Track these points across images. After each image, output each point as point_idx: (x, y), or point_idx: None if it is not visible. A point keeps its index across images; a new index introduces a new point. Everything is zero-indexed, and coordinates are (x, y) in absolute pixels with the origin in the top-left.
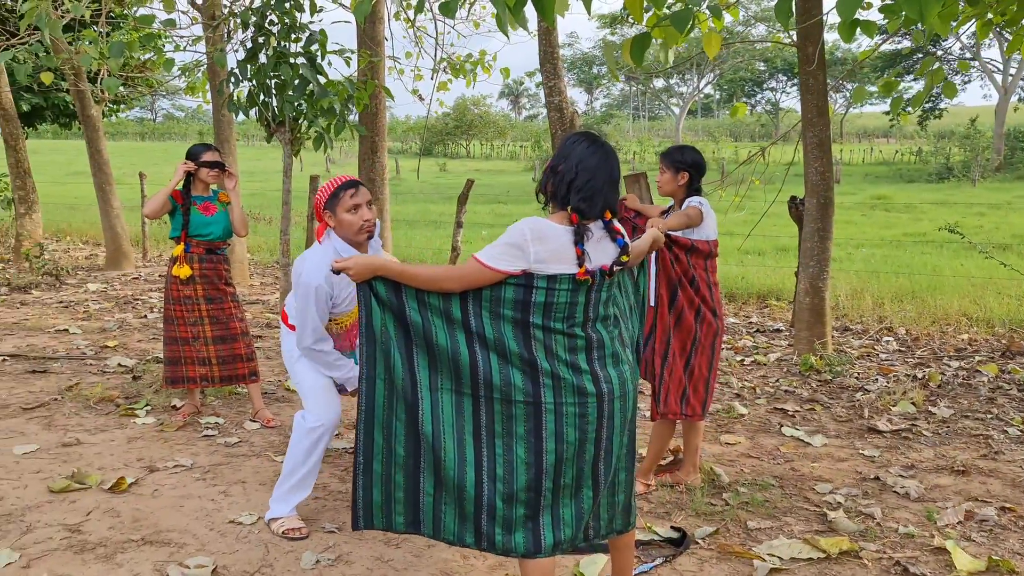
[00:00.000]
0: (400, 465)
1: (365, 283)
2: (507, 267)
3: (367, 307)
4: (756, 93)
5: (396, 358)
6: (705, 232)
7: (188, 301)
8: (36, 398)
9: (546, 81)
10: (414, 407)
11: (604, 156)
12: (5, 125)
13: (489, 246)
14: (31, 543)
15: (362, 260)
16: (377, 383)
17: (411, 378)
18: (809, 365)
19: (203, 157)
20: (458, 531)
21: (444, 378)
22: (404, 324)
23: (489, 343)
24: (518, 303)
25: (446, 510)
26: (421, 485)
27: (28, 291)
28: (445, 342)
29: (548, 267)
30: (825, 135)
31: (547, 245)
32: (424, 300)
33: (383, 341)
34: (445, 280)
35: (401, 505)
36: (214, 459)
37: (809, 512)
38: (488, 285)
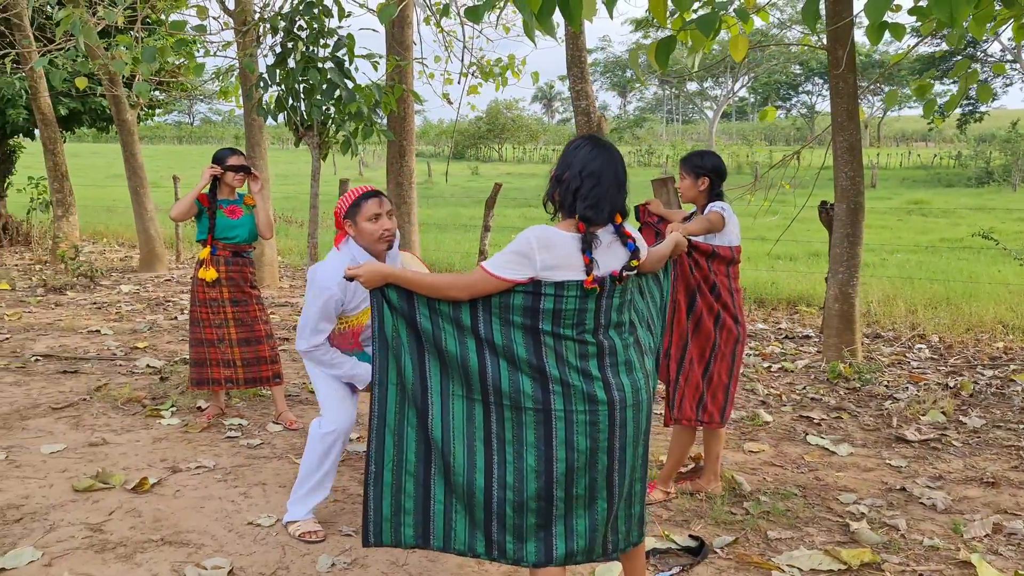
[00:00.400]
0: (411, 473)
1: (377, 290)
2: (513, 275)
3: (379, 313)
4: (791, 96)
5: (407, 364)
6: (727, 238)
7: (214, 303)
8: (66, 398)
9: (573, 85)
10: (424, 413)
11: (608, 159)
12: (44, 129)
13: (496, 255)
14: (54, 541)
15: (373, 267)
16: (389, 388)
17: (422, 384)
18: (837, 372)
19: (228, 161)
20: (469, 540)
21: (455, 384)
22: (415, 330)
23: (498, 349)
24: (527, 310)
25: (457, 518)
26: (432, 492)
27: (63, 292)
28: (455, 348)
29: (555, 274)
30: (855, 139)
31: (554, 252)
32: (435, 307)
33: (394, 347)
34: (452, 289)
35: (411, 516)
36: (236, 460)
37: (831, 522)
38: (496, 293)
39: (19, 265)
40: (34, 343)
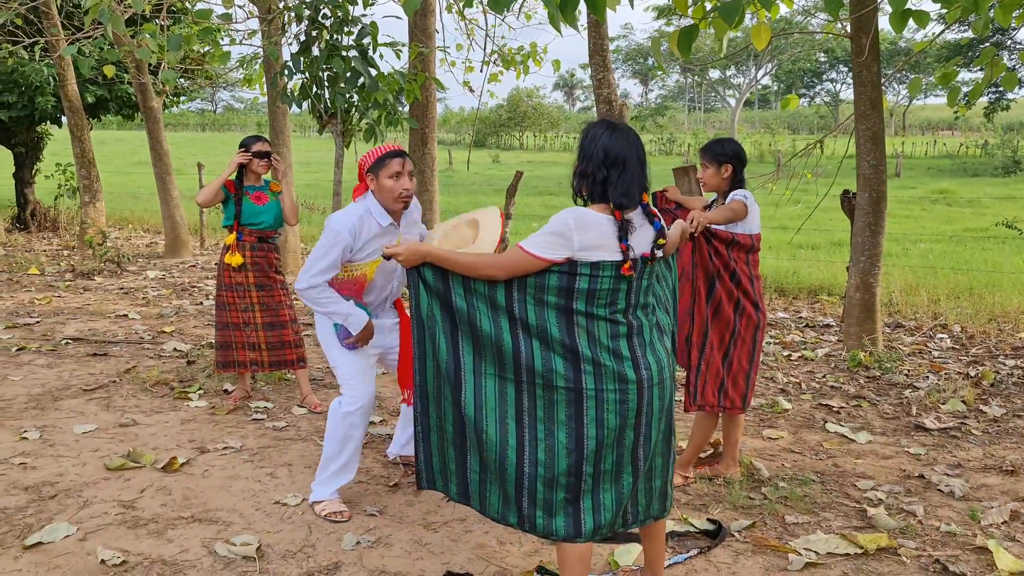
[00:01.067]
0: (450, 442)
1: (414, 269)
2: (551, 255)
3: (415, 292)
4: (815, 84)
5: (441, 342)
6: (748, 226)
7: (239, 288)
8: (96, 380)
9: (595, 74)
10: (457, 390)
11: (628, 142)
12: (71, 116)
13: (533, 235)
14: (88, 517)
15: (411, 247)
16: (427, 363)
17: (455, 362)
18: (857, 361)
19: (253, 148)
20: (502, 510)
21: (488, 363)
22: (450, 310)
23: (532, 329)
24: (562, 290)
25: (491, 489)
26: (468, 463)
27: (91, 277)
28: (489, 328)
29: (591, 254)
30: (879, 128)
31: (590, 233)
32: (470, 286)
33: (429, 326)
34: (489, 268)
35: (454, 475)
36: (262, 442)
37: (849, 508)
38: (532, 273)
39: (47, 251)
40: (64, 327)
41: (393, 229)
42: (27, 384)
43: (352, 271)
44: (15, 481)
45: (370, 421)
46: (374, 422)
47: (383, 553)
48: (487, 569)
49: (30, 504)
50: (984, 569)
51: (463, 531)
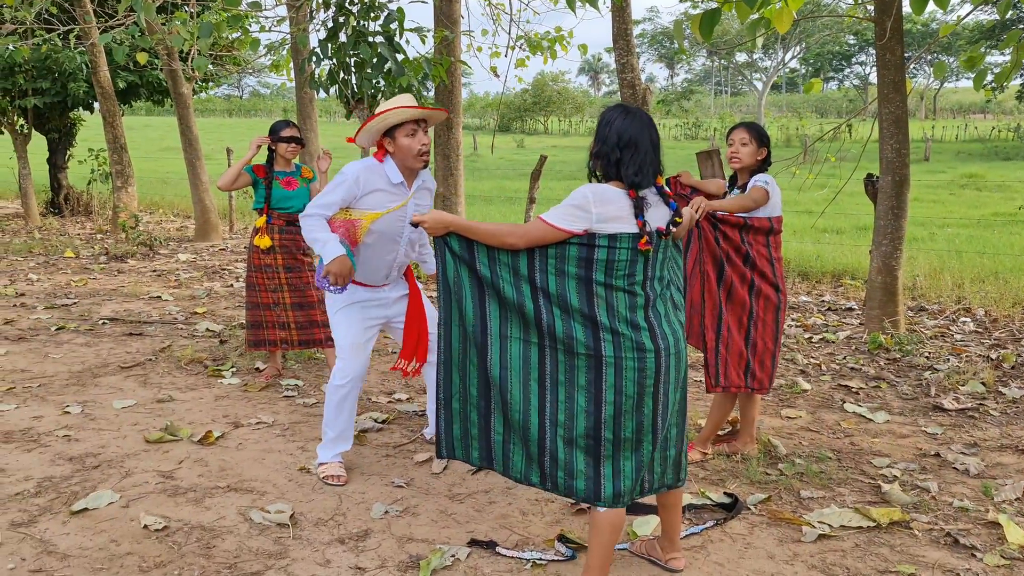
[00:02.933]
0: (474, 405)
1: (440, 238)
2: (571, 227)
3: (442, 259)
4: (843, 67)
5: (468, 307)
6: (767, 209)
7: (268, 269)
8: (133, 358)
9: (619, 58)
10: (484, 353)
11: (641, 125)
12: (103, 102)
13: (554, 207)
14: (130, 486)
15: (436, 216)
16: (453, 328)
17: (482, 325)
18: (878, 343)
19: (282, 133)
20: (525, 470)
21: (513, 327)
22: (476, 276)
23: (553, 298)
24: (581, 260)
25: (514, 449)
26: (492, 424)
27: (124, 260)
28: (512, 295)
29: (609, 227)
30: (902, 111)
31: (608, 207)
32: (494, 255)
33: (456, 291)
34: (510, 236)
35: (476, 440)
36: (293, 417)
37: (864, 484)
38: (553, 243)
39: (81, 234)
40: (100, 307)
41: (402, 189)
42: (67, 362)
43: (349, 213)
44: (60, 452)
45: (397, 399)
46: (400, 399)
47: (410, 522)
48: (510, 537)
49: (75, 473)
50: (994, 543)
51: (487, 502)
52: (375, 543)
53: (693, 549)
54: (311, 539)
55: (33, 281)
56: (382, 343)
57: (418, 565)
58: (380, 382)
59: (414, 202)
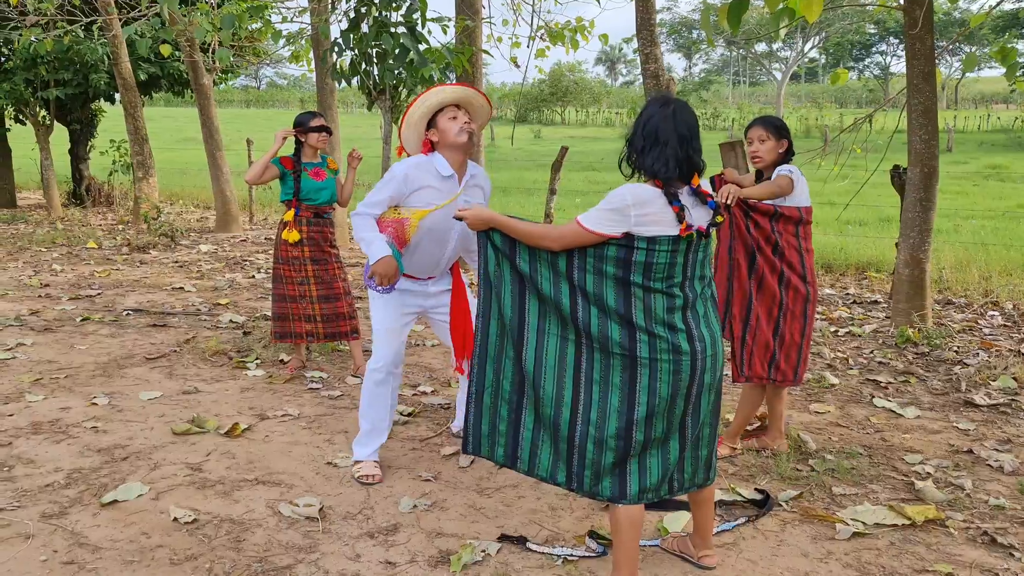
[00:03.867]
0: (505, 399)
1: (483, 232)
2: (608, 230)
3: (484, 253)
4: (864, 57)
5: (507, 301)
6: (795, 199)
7: (295, 262)
8: (158, 349)
9: (642, 48)
10: (520, 345)
11: (671, 118)
12: (125, 94)
13: (591, 210)
14: (159, 478)
15: (477, 212)
16: (491, 321)
17: (520, 318)
18: (906, 337)
19: (311, 123)
20: (551, 468)
21: (551, 323)
22: (517, 271)
23: (590, 297)
24: (620, 261)
25: (542, 447)
26: (523, 419)
27: (147, 251)
28: (550, 292)
29: (648, 229)
30: (931, 102)
31: (647, 209)
32: (534, 252)
33: (496, 285)
34: (547, 239)
35: (503, 438)
36: (319, 410)
37: (896, 481)
38: (591, 244)
39: (103, 225)
40: (124, 298)
41: (452, 184)
42: (93, 353)
43: (399, 212)
44: (88, 444)
45: (421, 391)
46: (425, 392)
47: (439, 516)
48: (540, 533)
49: (104, 465)
50: None
51: (515, 496)
52: (404, 537)
53: (725, 546)
54: (340, 533)
55: (57, 272)
56: None
57: (448, 560)
58: (405, 374)
59: (464, 198)
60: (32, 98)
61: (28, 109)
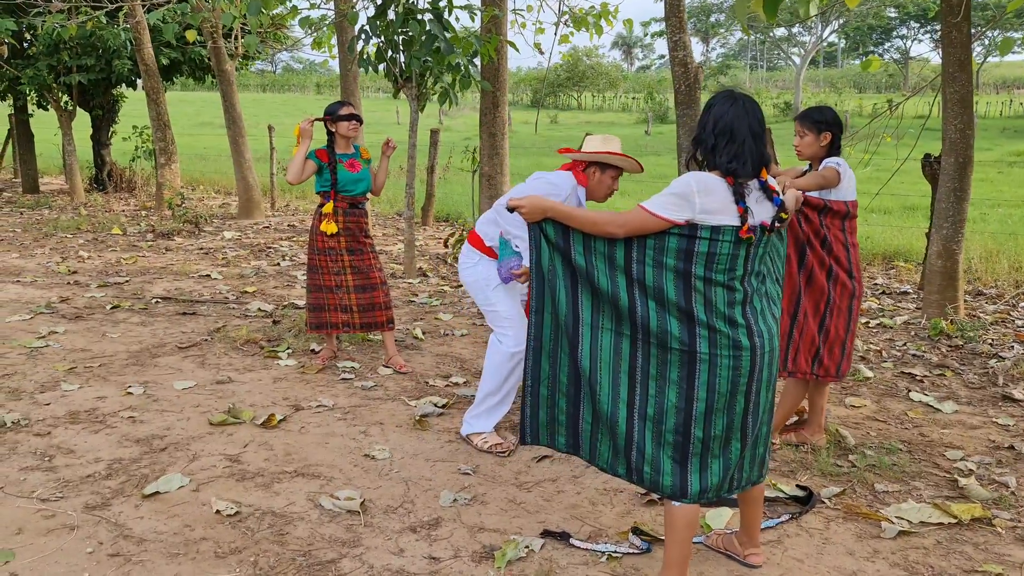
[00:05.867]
0: (563, 392)
1: (536, 224)
2: (672, 216)
3: (537, 246)
4: (884, 41)
5: (561, 295)
6: (842, 193)
7: (332, 252)
8: (188, 338)
9: (671, 36)
10: (575, 342)
11: (740, 112)
12: (147, 79)
13: (655, 196)
14: (198, 469)
15: (534, 201)
16: (545, 316)
17: (574, 315)
18: (939, 329)
19: (341, 112)
20: (611, 461)
21: (605, 318)
22: (571, 265)
23: (649, 291)
24: (681, 252)
25: (602, 439)
26: (581, 412)
27: (171, 238)
28: (607, 286)
29: (712, 218)
30: (967, 90)
31: (712, 197)
32: (589, 244)
33: (550, 279)
34: (609, 225)
35: (563, 427)
36: (353, 401)
37: (939, 478)
38: (652, 234)
39: (125, 211)
40: (152, 286)
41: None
42: (125, 341)
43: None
44: (126, 434)
45: (454, 382)
46: (458, 383)
47: (480, 511)
48: (582, 528)
49: (143, 456)
50: None
51: (555, 491)
52: (447, 532)
53: (769, 544)
54: (382, 527)
55: (84, 258)
56: (433, 325)
57: (492, 555)
58: (435, 365)
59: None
60: (55, 83)
61: (51, 95)
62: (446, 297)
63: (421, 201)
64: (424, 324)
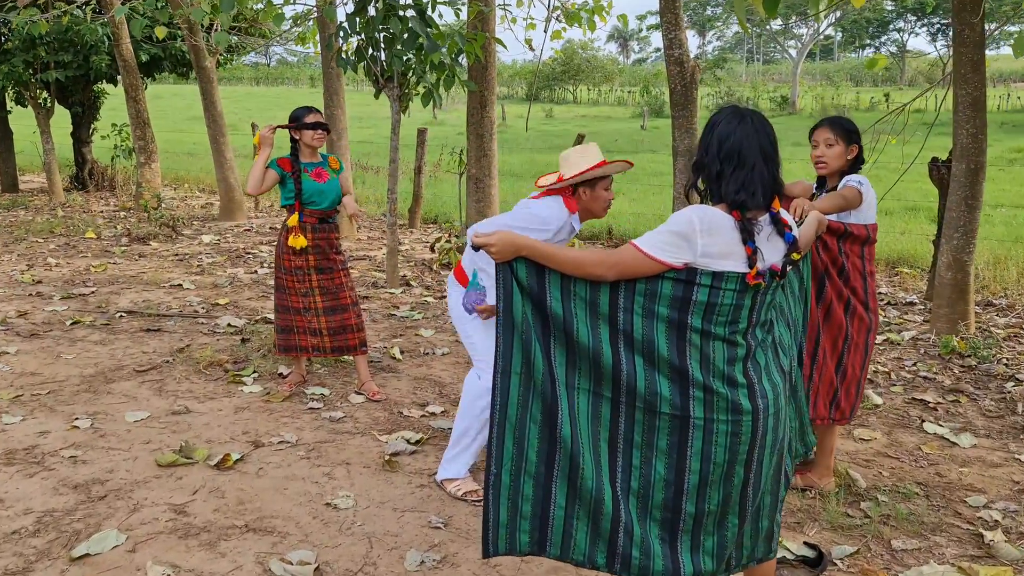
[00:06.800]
0: (531, 474)
1: (506, 264)
2: (669, 258)
3: (506, 291)
4: (881, 35)
5: (537, 351)
6: (863, 215)
7: (299, 272)
8: (149, 359)
9: (666, 32)
10: (553, 406)
11: (749, 131)
12: (126, 76)
13: (650, 233)
14: (138, 523)
15: (506, 236)
16: (512, 378)
17: (550, 376)
18: (951, 348)
19: (306, 119)
20: (589, 550)
21: (582, 377)
22: (543, 314)
23: (636, 344)
24: (676, 300)
25: (578, 525)
26: (552, 497)
27: (147, 242)
28: (587, 338)
29: (715, 263)
30: (980, 93)
31: (717, 238)
32: (569, 289)
33: (523, 331)
34: (595, 266)
35: (528, 522)
36: (318, 436)
37: (961, 531)
38: (644, 277)
39: (104, 212)
40: (119, 297)
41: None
42: (80, 363)
43: None
44: (65, 478)
45: (431, 412)
46: (434, 413)
47: (449, 574)
48: None
49: (79, 506)
50: None
51: None
52: None
53: None
54: None
55: (52, 266)
56: (414, 344)
57: None
58: (412, 390)
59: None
60: (32, 80)
61: (28, 91)
62: (428, 310)
63: (408, 202)
64: (403, 341)
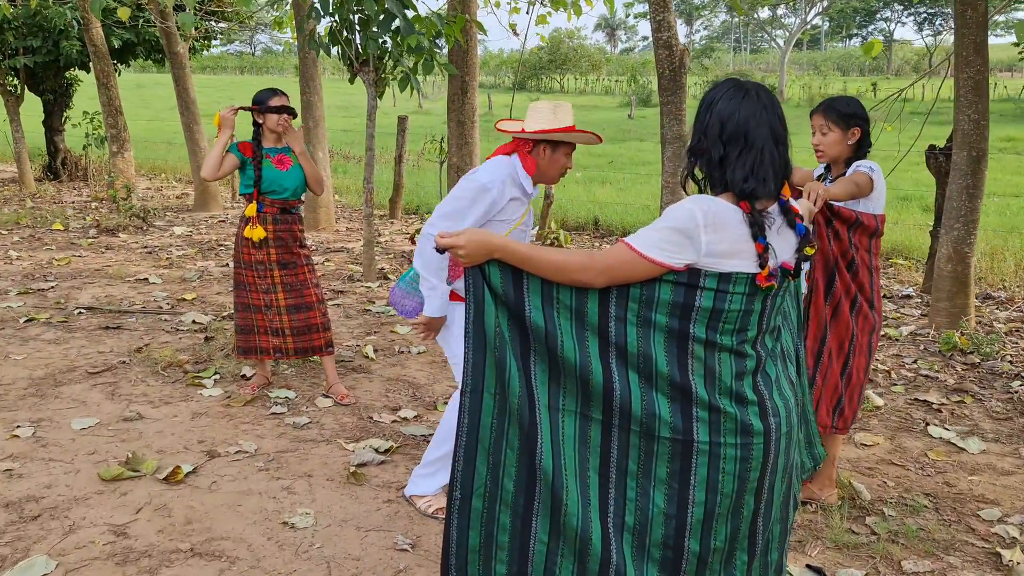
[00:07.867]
0: (508, 503)
1: (477, 268)
2: (668, 259)
3: (477, 300)
4: (867, 24)
5: (513, 369)
6: (873, 204)
7: (260, 267)
8: (104, 360)
9: (654, 15)
10: (531, 433)
11: (755, 108)
12: (96, 62)
13: (646, 229)
14: (71, 547)
15: (476, 236)
16: (485, 398)
17: (528, 396)
18: (952, 344)
19: (270, 103)
20: None
21: (567, 397)
22: (521, 325)
23: (631, 359)
24: (676, 307)
25: (563, 563)
26: (533, 530)
27: (116, 234)
28: (572, 353)
29: (721, 263)
30: (983, 76)
31: (724, 235)
32: (552, 295)
33: (497, 346)
34: (581, 270)
35: (505, 552)
36: (280, 444)
37: (976, 549)
38: (639, 282)
39: (76, 202)
40: (79, 292)
41: (527, 201)
42: (29, 365)
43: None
44: None
45: (403, 417)
46: (407, 419)
47: None
48: None
49: (8, 527)
50: None
51: None
52: None
53: None
54: None
55: (12, 259)
56: (388, 341)
57: None
58: (384, 393)
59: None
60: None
61: None
62: None
63: (390, 192)
64: (377, 339)
